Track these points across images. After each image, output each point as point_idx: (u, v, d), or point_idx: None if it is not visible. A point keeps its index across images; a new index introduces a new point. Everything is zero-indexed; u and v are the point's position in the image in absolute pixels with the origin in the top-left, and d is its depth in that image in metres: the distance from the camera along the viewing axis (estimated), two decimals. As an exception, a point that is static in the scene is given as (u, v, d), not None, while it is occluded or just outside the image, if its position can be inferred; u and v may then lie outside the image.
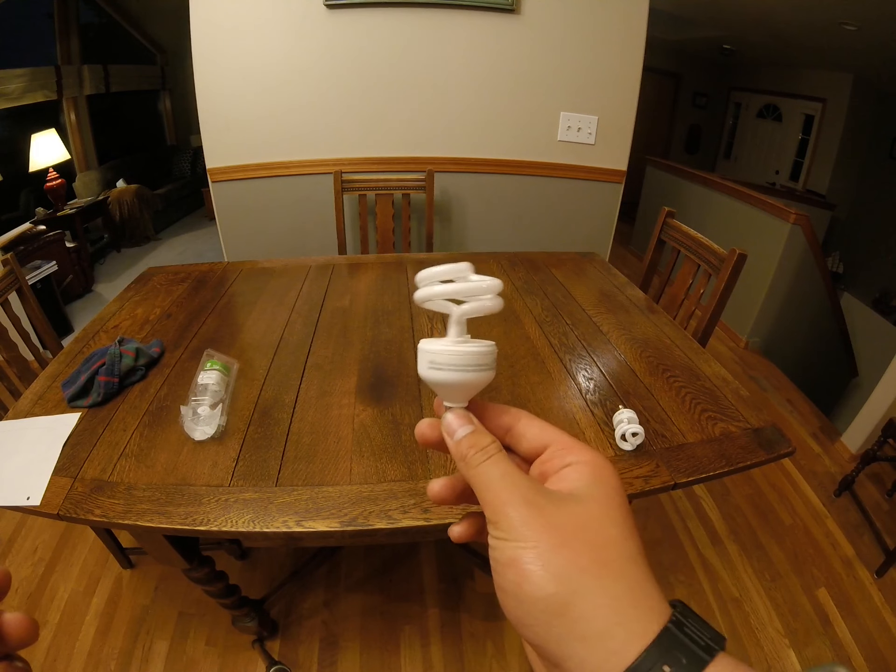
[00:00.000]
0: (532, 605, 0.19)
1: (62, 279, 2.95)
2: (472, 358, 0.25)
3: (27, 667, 0.22)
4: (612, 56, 1.80)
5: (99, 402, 0.92)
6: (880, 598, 1.44)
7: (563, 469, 0.23)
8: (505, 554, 0.20)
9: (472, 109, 1.88)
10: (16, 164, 3.42)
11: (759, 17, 3.49)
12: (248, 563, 1.48)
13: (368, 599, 1.38)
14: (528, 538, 0.20)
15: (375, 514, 0.71)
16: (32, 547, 1.51)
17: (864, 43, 3.35)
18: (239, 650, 1.26)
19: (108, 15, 4.17)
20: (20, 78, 3.34)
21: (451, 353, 0.25)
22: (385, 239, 1.87)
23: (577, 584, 0.18)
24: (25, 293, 1.27)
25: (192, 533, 0.71)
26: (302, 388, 0.98)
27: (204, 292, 1.37)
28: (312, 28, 1.72)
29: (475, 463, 0.23)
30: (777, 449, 0.84)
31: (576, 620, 0.18)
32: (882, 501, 1.81)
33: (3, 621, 0.20)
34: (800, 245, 2.68)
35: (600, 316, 1.27)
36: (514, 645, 1.29)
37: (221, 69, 1.75)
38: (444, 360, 0.25)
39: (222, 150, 1.89)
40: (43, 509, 0.72)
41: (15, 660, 0.22)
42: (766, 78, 5.05)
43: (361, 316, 1.25)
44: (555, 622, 0.18)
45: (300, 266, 1.54)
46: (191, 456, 0.81)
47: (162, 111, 5.22)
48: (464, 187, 2.02)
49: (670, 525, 1.63)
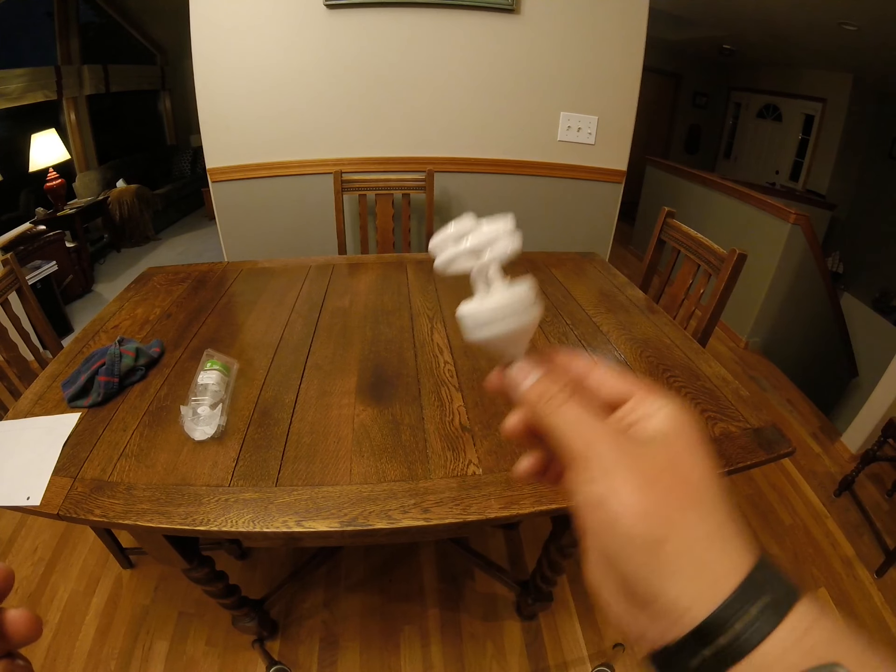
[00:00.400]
0: (627, 543, 0.19)
1: (62, 279, 2.95)
2: (506, 306, 0.24)
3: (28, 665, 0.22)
4: (612, 56, 1.80)
5: (99, 402, 0.92)
6: (880, 598, 1.44)
7: (644, 417, 0.22)
8: (595, 494, 0.20)
9: (472, 109, 1.88)
10: (16, 164, 3.42)
11: (759, 17, 3.48)
12: (248, 563, 1.47)
13: (368, 599, 1.38)
14: (617, 476, 0.19)
15: (375, 514, 0.71)
16: (32, 547, 1.51)
17: (864, 43, 3.35)
18: (239, 650, 1.26)
19: (108, 15, 4.17)
20: (20, 78, 3.34)
21: (485, 310, 0.24)
22: (385, 239, 1.87)
23: (671, 519, 0.18)
24: (25, 293, 1.27)
25: (192, 533, 0.71)
26: (302, 388, 0.98)
27: (204, 292, 1.37)
28: (312, 28, 1.72)
29: (550, 410, 0.23)
30: (777, 449, 0.84)
31: (671, 556, 0.18)
32: (882, 501, 1.81)
33: (6, 618, 0.20)
34: (800, 245, 2.68)
35: (600, 316, 1.27)
36: (514, 645, 1.29)
37: (221, 69, 1.75)
38: (482, 319, 0.24)
39: (222, 150, 1.89)
40: (43, 509, 0.72)
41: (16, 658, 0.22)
42: (766, 78, 5.06)
43: (361, 316, 1.25)
44: (650, 558, 0.18)
45: (300, 266, 1.54)
46: (191, 456, 0.81)
47: (162, 111, 5.22)
48: (464, 187, 2.02)
49: (670, 525, 1.63)
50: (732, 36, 4.33)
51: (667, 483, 0.19)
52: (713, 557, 0.18)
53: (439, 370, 1.03)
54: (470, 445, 0.84)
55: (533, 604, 1.27)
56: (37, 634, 0.21)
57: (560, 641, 1.30)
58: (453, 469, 0.79)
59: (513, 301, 0.24)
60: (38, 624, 0.21)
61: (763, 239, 2.77)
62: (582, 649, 1.29)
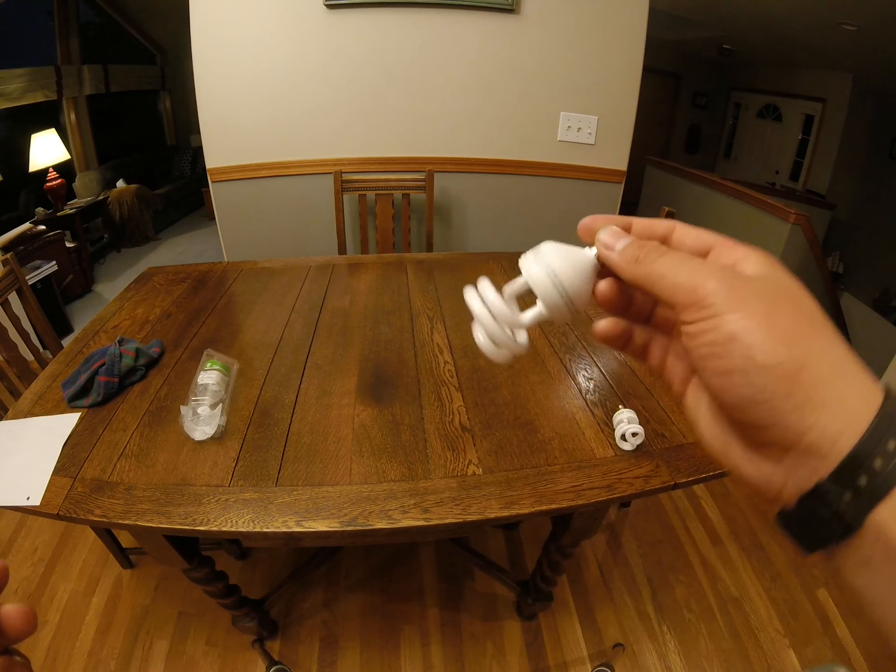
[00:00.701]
0: (765, 376, 0.18)
1: (62, 279, 2.95)
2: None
3: (27, 662, 0.22)
4: (612, 56, 1.80)
5: (99, 402, 0.92)
6: (880, 598, 1.44)
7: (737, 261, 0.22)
8: (722, 330, 0.19)
9: (472, 109, 1.88)
10: (16, 164, 3.42)
11: (759, 17, 3.48)
12: (248, 563, 1.47)
13: (368, 599, 1.38)
14: (743, 308, 0.18)
15: (375, 514, 0.71)
16: (32, 547, 1.51)
17: (864, 43, 3.35)
18: (239, 650, 1.26)
19: (108, 15, 4.17)
20: (20, 78, 3.33)
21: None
22: (385, 239, 1.87)
23: (805, 346, 0.18)
24: (25, 293, 1.27)
25: (192, 533, 0.71)
26: (302, 388, 0.98)
27: (204, 292, 1.37)
28: (312, 28, 1.72)
29: (652, 259, 0.22)
30: (777, 449, 0.84)
31: (813, 385, 0.17)
32: (882, 501, 1.81)
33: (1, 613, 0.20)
34: (800, 245, 2.68)
35: (600, 316, 1.26)
36: (514, 645, 1.29)
37: (221, 69, 1.75)
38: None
39: (222, 150, 1.89)
40: (43, 509, 0.72)
41: (14, 654, 0.22)
42: (765, 78, 5.05)
43: (361, 316, 1.25)
44: (792, 386, 0.17)
45: (300, 266, 1.54)
46: (191, 456, 0.81)
47: (162, 111, 5.22)
48: (464, 187, 2.02)
49: (670, 525, 1.63)
50: (732, 36, 4.33)
51: (791, 312, 0.19)
52: (849, 385, 0.17)
53: (439, 370, 1.03)
54: (470, 445, 0.84)
55: (533, 604, 1.27)
56: (32, 629, 0.21)
57: (560, 641, 1.30)
58: (453, 469, 0.79)
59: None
60: (32, 618, 0.21)
61: (763, 239, 2.77)
62: (582, 649, 1.29)
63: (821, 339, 0.18)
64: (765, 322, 0.18)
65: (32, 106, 3.48)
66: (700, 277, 0.20)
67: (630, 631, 1.33)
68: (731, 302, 0.19)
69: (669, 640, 1.31)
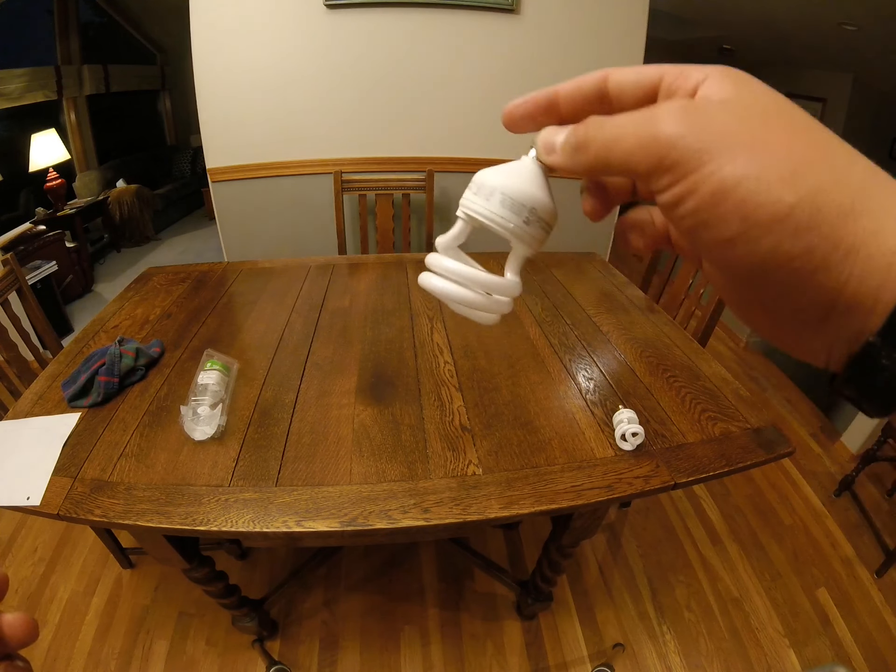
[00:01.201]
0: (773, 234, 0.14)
1: (62, 279, 2.94)
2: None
3: (28, 666, 0.22)
4: (612, 56, 1.80)
5: (99, 402, 0.92)
6: (880, 598, 1.44)
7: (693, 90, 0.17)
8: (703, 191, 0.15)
9: (472, 109, 1.88)
10: (16, 164, 3.41)
11: (759, 17, 3.49)
12: (248, 563, 1.47)
13: (368, 599, 1.38)
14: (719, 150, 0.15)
15: (375, 514, 0.71)
16: (32, 547, 1.51)
17: (864, 43, 3.35)
18: (239, 650, 1.26)
19: (108, 14, 4.17)
20: (20, 78, 3.33)
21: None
22: (385, 239, 1.87)
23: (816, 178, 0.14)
24: (25, 293, 1.27)
25: (192, 533, 0.71)
26: (302, 388, 0.98)
27: (204, 292, 1.37)
28: (312, 28, 1.72)
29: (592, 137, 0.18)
30: (777, 449, 0.84)
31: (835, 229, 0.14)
32: (882, 501, 1.81)
33: (2, 622, 0.20)
34: (800, 245, 2.68)
35: (600, 316, 1.27)
36: (514, 645, 1.29)
37: (221, 69, 1.75)
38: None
39: (222, 150, 1.89)
40: (43, 509, 0.72)
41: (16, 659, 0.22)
42: (766, 78, 4.85)
43: (361, 316, 1.25)
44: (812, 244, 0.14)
45: (300, 266, 1.54)
46: (191, 456, 0.81)
47: (162, 111, 5.22)
48: (464, 187, 2.00)
49: (670, 525, 1.63)
50: (732, 36, 4.32)
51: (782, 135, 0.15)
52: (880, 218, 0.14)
53: (439, 370, 1.03)
54: (470, 445, 0.84)
55: (533, 604, 1.27)
56: (33, 637, 0.21)
57: (560, 641, 1.30)
58: (453, 469, 0.79)
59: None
60: (34, 627, 0.21)
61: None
62: (582, 649, 1.29)
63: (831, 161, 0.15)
64: (754, 160, 0.14)
65: (32, 106, 3.48)
66: (651, 127, 0.16)
67: (630, 631, 1.33)
68: (701, 146, 0.15)
69: (669, 640, 1.31)
